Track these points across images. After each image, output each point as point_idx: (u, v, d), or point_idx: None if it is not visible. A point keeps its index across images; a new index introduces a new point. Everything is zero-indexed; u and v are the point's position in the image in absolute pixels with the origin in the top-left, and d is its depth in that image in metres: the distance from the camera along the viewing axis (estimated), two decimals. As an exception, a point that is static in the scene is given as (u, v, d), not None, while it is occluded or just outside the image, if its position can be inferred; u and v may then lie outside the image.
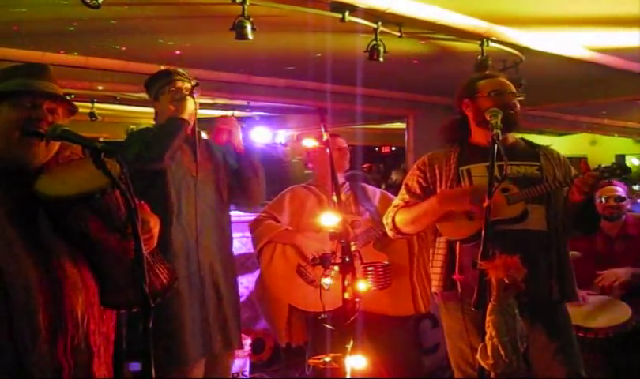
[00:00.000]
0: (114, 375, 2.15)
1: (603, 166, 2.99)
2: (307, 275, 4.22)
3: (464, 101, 3.32)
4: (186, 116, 3.40)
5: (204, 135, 3.91)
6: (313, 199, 4.42)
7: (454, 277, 3.10)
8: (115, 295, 2.11)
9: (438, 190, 3.28)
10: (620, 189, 4.85)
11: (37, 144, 2.03)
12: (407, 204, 3.36)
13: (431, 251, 3.39)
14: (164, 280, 2.20)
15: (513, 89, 3.28)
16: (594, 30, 4.03)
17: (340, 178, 4.41)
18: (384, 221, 3.49)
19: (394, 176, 11.18)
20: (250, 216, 4.52)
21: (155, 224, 2.20)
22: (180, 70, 3.59)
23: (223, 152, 3.71)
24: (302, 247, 4.25)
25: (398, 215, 3.37)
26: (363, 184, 4.67)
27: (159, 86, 3.53)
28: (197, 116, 3.53)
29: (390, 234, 3.47)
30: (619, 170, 2.98)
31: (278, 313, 4.44)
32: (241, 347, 3.83)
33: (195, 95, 3.46)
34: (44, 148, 2.05)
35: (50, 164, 2.09)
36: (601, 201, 4.71)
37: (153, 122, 3.64)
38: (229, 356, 3.76)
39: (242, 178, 3.69)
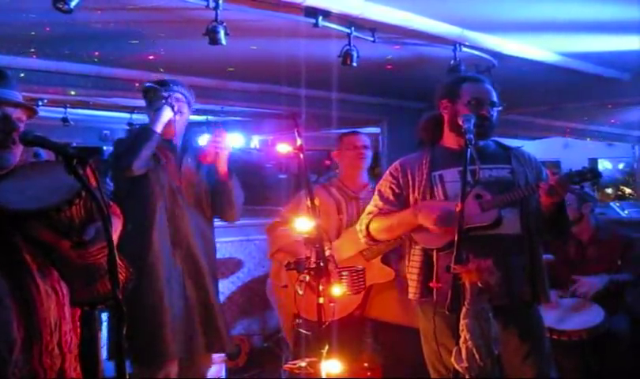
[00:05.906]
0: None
1: (573, 170, 2.98)
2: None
3: (442, 101, 3.28)
4: (159, 126, 3.46)
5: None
6: (332, 203, 4.31)
7: (431, 285, 3.07)
8: (80, 293, 2.11)
9: (411, 197, 3.27)
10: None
11: (9, 153, 2.01)
12: (381, 212, 3.34)
13: (406, 258, 3.38)
14: (121, 277, 2.18)
15: (494, 98, 3.24)
16: (567, 35, 4.06)
17: (361, 179, 4.39)
18: (357, 228, 3.47)
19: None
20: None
21: (115, 230, 2.19)
22: (176, 81, 3.68)
23: (208, 167, 3.72)
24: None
25: (373, 224, 3.35)
26: None
27: (150, 95, 3.61)
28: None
29: (363, 240, 3.45)
30: (589, 174, 2.95)
31: (285, 317, 4.52)
32: (228, 349, 3.89)
33: (176, 107, 3.53)
34: (12, 155, 2.03)
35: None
36: None
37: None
38: (206, 360, 3.77)
39: (217, 203, 3.75)
